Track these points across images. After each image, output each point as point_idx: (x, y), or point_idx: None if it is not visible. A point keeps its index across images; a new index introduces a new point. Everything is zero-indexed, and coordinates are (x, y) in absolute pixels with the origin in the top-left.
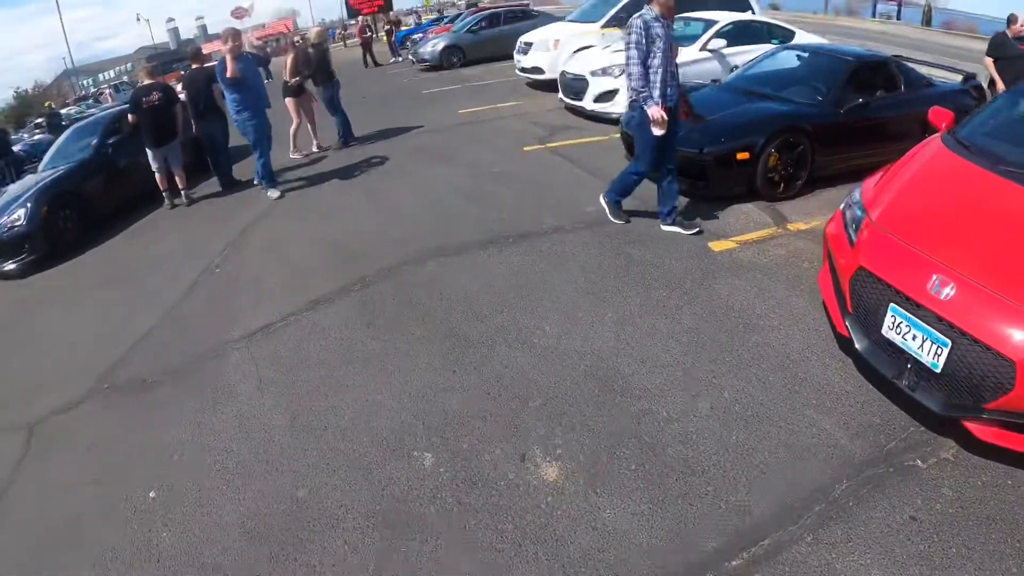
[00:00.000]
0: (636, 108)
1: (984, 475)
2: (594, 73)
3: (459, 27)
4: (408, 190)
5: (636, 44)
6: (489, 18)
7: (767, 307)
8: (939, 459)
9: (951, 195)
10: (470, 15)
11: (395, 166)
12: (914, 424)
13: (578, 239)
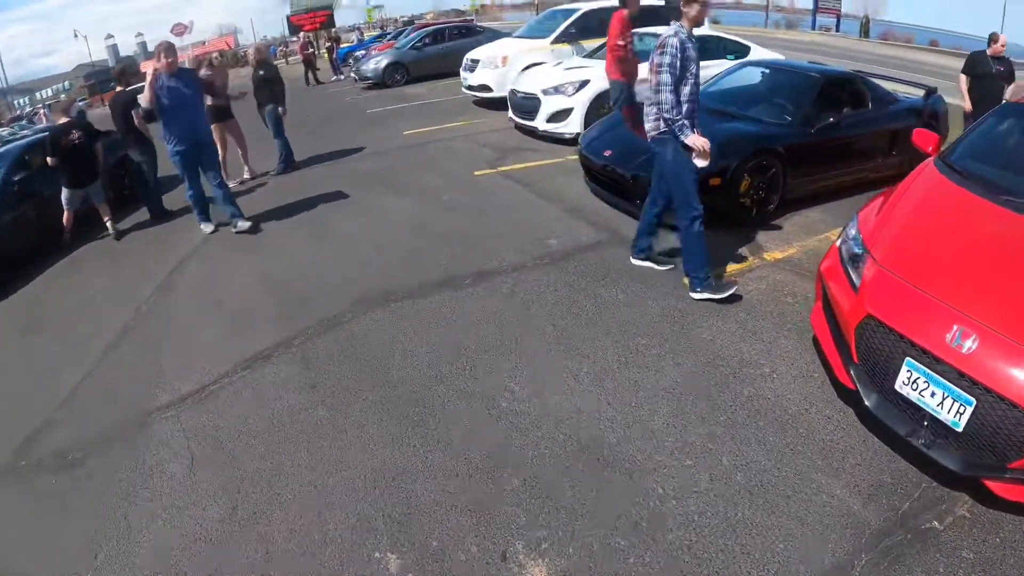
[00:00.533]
0: (666, 143)
1: (1001, 531)
2: (546, 92)
3: (403, 44)
4: (353, 222)
5: (670, 67)
6: (433, 34)
7: (755, 352)
8: (955, 517)
9: (957, 230)
10: (414, 31)
11: (338, 195)
12: (925, 479)
13: (542, 278)
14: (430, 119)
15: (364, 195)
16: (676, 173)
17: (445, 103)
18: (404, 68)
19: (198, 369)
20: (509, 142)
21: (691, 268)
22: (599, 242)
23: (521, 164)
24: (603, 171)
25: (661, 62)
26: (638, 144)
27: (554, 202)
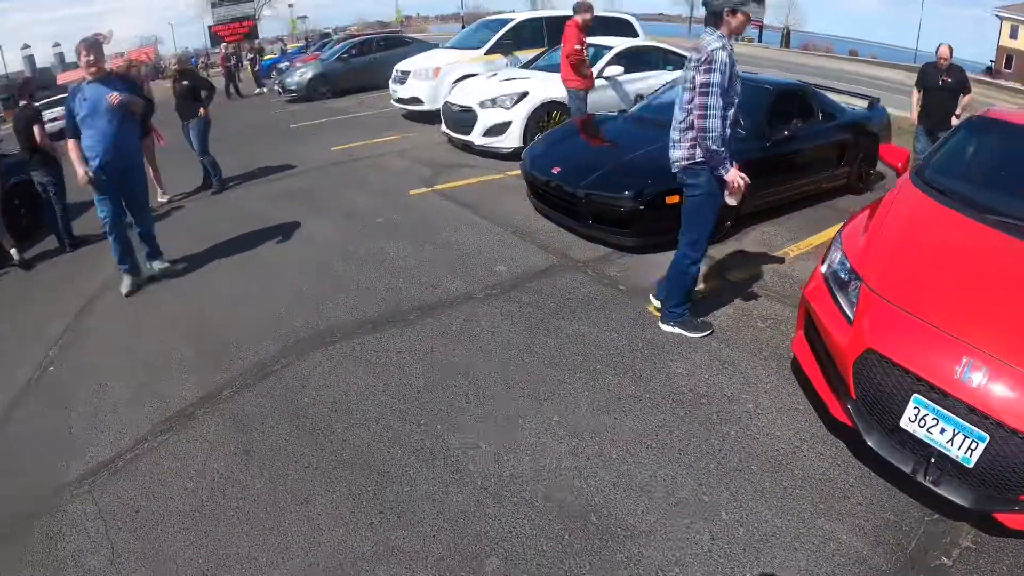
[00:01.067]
0: (699, 174)
1: (1006, 558)
2: (483, 104)
3: (328, 55)
4: (280, 250)
5: (720, 87)
6: (360, 45)
7: (735, 386)
8: (962, 550)
9: (949, 253)
10: (339, 42)
11: (264, 218)
12: (926, 512)
13: (494, 310)
14: (358, 134)
15: (292, 218)
16: (699, 208)
17: (373, 117)
18: (329, 80)
19: (113, 431)
20: (444, 158)
21: (670, 300)
22: (551, 267)
23: (458, 181)
24: (551, 189)
25: (709, 81)
26: (588, 159)
27: (498, 223)
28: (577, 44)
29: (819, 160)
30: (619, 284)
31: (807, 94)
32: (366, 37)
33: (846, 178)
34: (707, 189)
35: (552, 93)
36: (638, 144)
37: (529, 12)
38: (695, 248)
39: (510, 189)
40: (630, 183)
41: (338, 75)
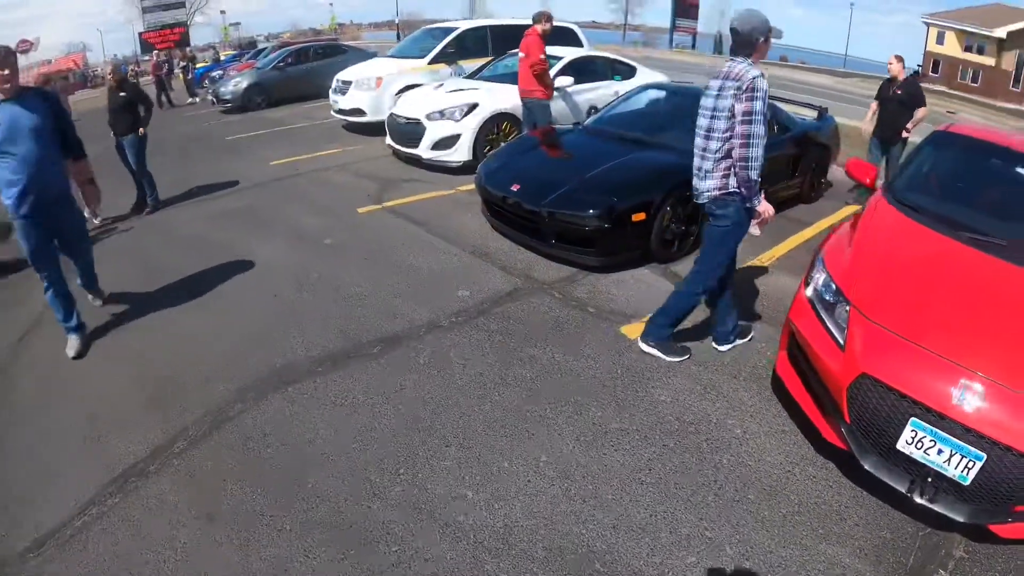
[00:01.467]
0: (728, 204)
1: (997, 563)
2: (431, 116)
3: (263, 64)
4: (229, 278)
5: (763, 115)
6: (296, 54)
7: (720, 410)
8: (956, 561)
9: (934, 274)
10: (275, 51)
11: (206, 242)
12: (918, 526)
13: (463, 340)
14: (298, 147)
15: (236, 242)
16: (723, 238)
17: (313, 128)
18: (265, 90)
19: (58, 497)
20: (390, 172)
21: (660, 319)
22: (516, 290)
23: (408, 198)
24: (509, 207)
25: (752, 109)
26: (549, 175)
27: (454, 243)
28: (541, 54)
29: (775, 172)
30: (587, 306)
31: None
32: (303, 45)
33: (799, 188)
34: (736, 219)
35: (502, 104)
36: (600, 159)
37: (473, 21)
38: (709, 278)
39: (463, 205)
40: (594, 201)
41: (274, 84)
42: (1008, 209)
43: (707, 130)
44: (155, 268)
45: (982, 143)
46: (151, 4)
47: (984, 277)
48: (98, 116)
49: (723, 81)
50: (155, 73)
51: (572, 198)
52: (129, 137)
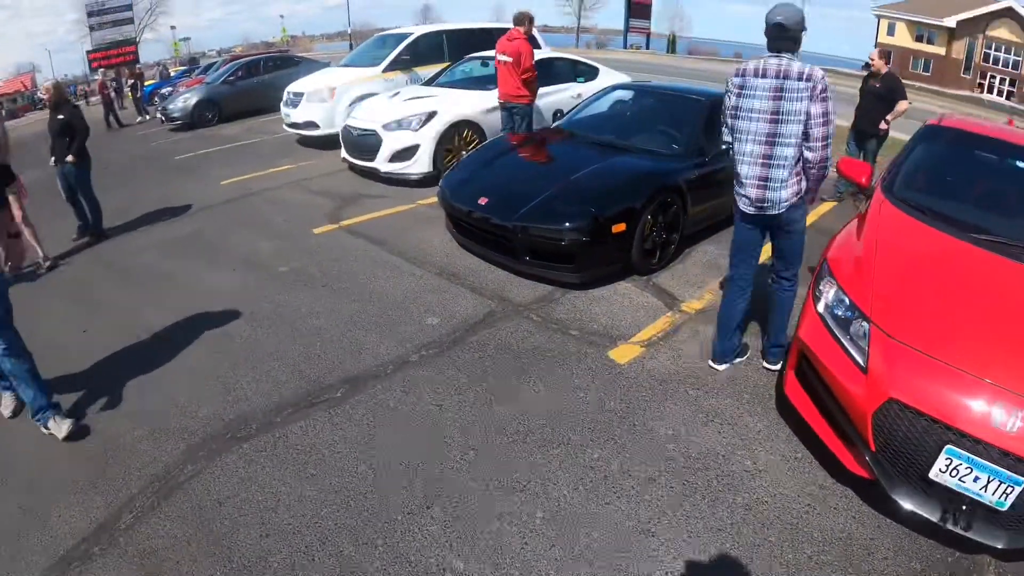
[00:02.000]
0: (801, 207)
1: None
2: (387, 127)
3: (213, 78)
4: (177, 315)
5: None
6: (247, 67)
7: (726, 442)
8: None
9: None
10: (224, 64)
11: (154, 274)
12: (947, 551)
13: (436, 376)
14: (250, 164)
15: (185, 272)
16: (801, 235)
17: (265, 144)
18: (216, 105)
19: None
20: (347, 188)
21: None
22: (490, 314)
23: (367, 215)
24: (477, 222)
25: (828, 110)
26: (519, 186)
27: (419, 264)
28: (533, 59)
29: None
30: (569, 329)
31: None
32: (253, 58)
33: None
34: (803, 218)
35: (462, 111)
36: (573, 166)
37: (427, 26)
38: (797, 281)
39: (425, 220)
40: (571, 212)
41: (225, 99)
42: (1016, 207)
43: (772, 135)
44: (94, 307)
45: (977, 137)
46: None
47: (1007, 283)
48: (42, 140)
49: (782, 81)
50: (102, 92)
51: (546, 210)
52: (66, 165)
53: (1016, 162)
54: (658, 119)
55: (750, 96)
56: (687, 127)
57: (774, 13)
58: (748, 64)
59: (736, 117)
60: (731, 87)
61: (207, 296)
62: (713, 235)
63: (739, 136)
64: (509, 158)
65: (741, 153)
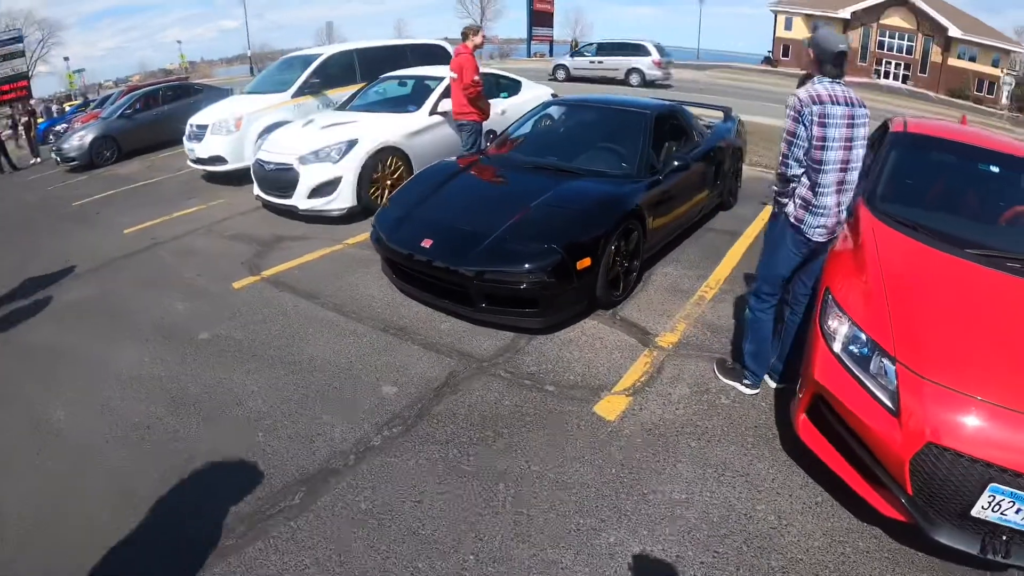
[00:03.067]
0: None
1: None
2: (304, 159)
3: (109, 112)
4: (79, 405)
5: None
6: (144, 98)
7: (744, 496)
8: None
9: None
10: (121, 96)
11: (52, 353)
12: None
13: (407, 464)
14: (155, 207)
15: (89, 348)
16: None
17: (169, 182)
18: (114, 142)
19: None
20: (264, 230)
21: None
22: (452, 375)
23: (290, 262)
24: (422, 267)
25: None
26: (467, 223)
27: (359, 318)
28: (476, 74)
29: (702, 183)
30: (544, 384)
31: (679, 114)
32: (151, 88)
33: (719, 196)
34: None
35: (385, 137)
36: (523, 196)
37: (337, 45)
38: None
39: (357, 263)
40: (531, 252)
41: (124, 134)
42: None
43: (846, 162)
44: None
45: (950, 143)
46: None
47: (1017, 304)
48: None
49: (855, 109)
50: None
51: (502, 251)
52: None
53: (990, 167)
54: (604, 136)
55: (833, 125)
56: (636, 143)
57: (836, 40)
58: (815, 91)
59: (824, 148)
60: (811, 116)
61: (118, 379)
62: (665, 255)
63: (822, 168)
64: (449, 190)
65: (822, 184)
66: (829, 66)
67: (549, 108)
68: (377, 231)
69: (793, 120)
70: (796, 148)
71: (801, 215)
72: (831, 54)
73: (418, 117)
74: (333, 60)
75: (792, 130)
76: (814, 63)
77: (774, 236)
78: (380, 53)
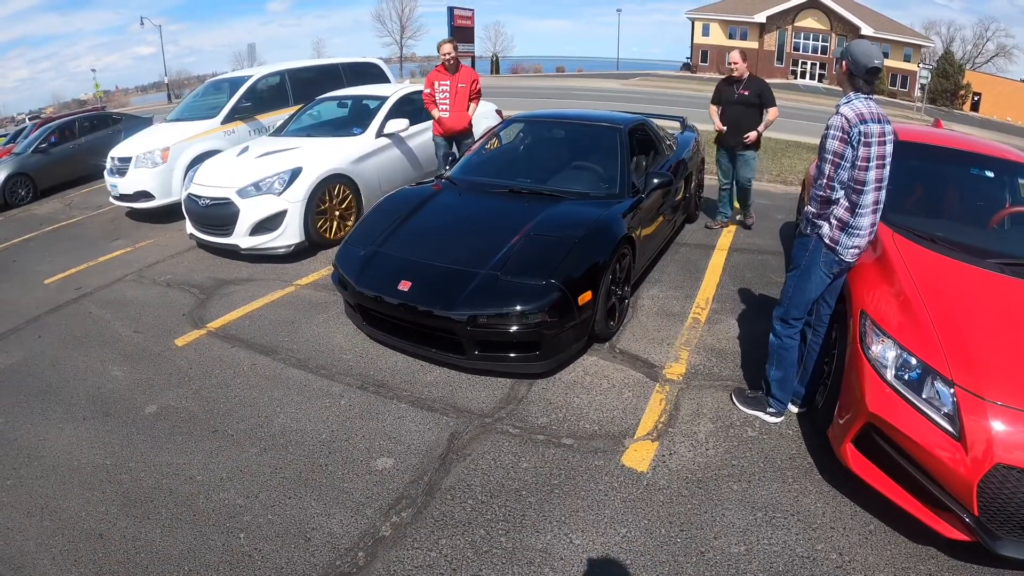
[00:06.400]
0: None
1: None
2: (244, 192)
3: (22, 147)
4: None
5: None
6: (60, 130)
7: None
8: None
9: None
10: (35, 129)
11: None
12: None
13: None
14: (77, 252)
15: (11, 431)
16: None
17: (91, 222)
18: (29, 179)
19: None
20: (203, 273)
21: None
22: (455, 437)
23: (238, 310)
24: (401, 313)
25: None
26: (450, 260)
27: (330, 375)
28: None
29: (676, 196)
30: (561, 437)
31: (647, 126)
32: (66, 119)
33: (686, 208)
34: None
35: (331, 164)
36: (508, 224)
37: (267, 67)
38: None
39: (314, 307)
40: (529, 289)
41: (39, 170)
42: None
43: (881, 180)
44: None
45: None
46: None
47: None
48: None
49: (885, 125)
50: None
51: (495, 290)
52: None
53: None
54: (579, 154)
55: (874, 144)
56: (615, 160)
57: (872, 55)
58: (857, 109)
59: (867, 168)
60: (859, 136)
61: (53, 469)
62: (647, 276)
63: (864, 188)
64: (419, 222)
65: (862, 205)
66: (862, 81)
67: (511, 125)
68: (340, 273)
69: (841, 141)
70: (842, 170)
71: (837, 236)
72: (865, 68)
73: (364, 140)
74: (263, 82)
75: (840, 151)
76: (846, 77)
77: (806, 260)
78: (312, 73)
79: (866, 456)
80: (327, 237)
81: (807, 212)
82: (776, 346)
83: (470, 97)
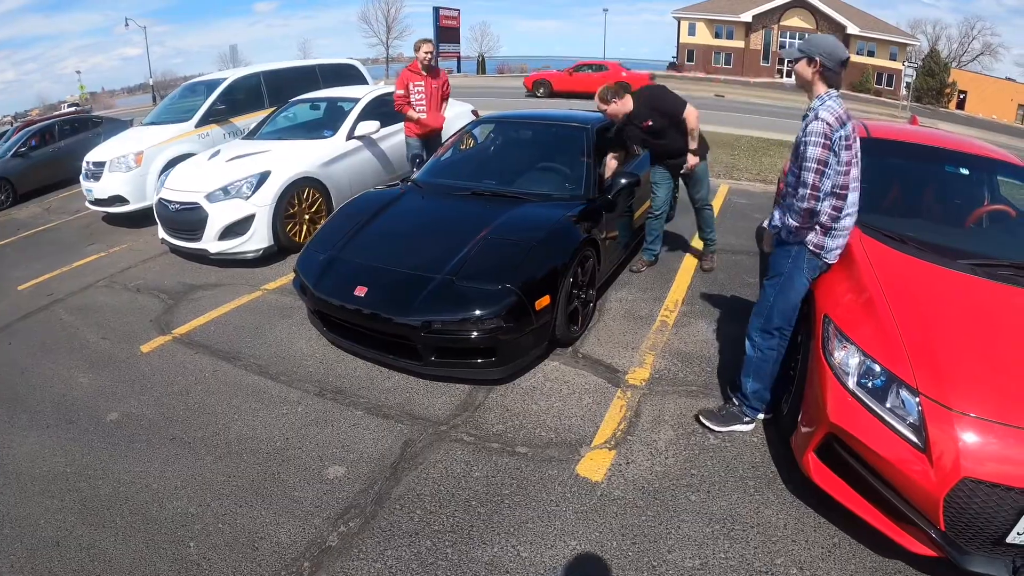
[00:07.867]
0: None
1: None
2: (212, 196)
3: (2, 151)
4: None
5: None
6: (40, 134)
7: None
8: None
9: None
10: (15, 133)
11: None
12: None
13: (376, 564)
14: (52, 257)
15: None
16: None
17: (67, 227)
18: (8, 183)
19: None
20: (172, 278)
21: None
22: (407, 445)
23: (204, 316)
24: (357, 319)
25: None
26: (406, 265)
27: (289, 382)
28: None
29: (645, 197)
30: (516, 445)
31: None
32: (47, 122)
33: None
34: None
35: (300, 167)
36: (467, 229)
37: (243, 69)
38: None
39: (279, 312)
40: (485, 294)
41: (18, 174)
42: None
43: (857, 179)
44: None
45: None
46: None
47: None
48: None
49: (851, 122)
50: None
51: (450, 295)
52: None
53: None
54: (545, 155)
55: (854, 143)
56: (581, 161)
57: (839, 46)
58: (834, 112)
59: (848, 172)
60: (841, 141)
61: (16, 477)
62: (616, 278)
63: (848, 191)
64: (379, 227)
65: (848, 205)
66: (837, 76)
67: (478, 127)
68: (301, 278)
69: (824, 148)
70: (827, 179)
71: (821, 241)
72: (839, 60)
73: (335, 143)
74: (238, 84)
75: (824, 159)
76: (819, 74)
77: (789, 267)
78: (288, 75)
79: (829, 467)
80: (296, 241)
81: (789, 225)
82: (755, 359)
83: (443, 97)
